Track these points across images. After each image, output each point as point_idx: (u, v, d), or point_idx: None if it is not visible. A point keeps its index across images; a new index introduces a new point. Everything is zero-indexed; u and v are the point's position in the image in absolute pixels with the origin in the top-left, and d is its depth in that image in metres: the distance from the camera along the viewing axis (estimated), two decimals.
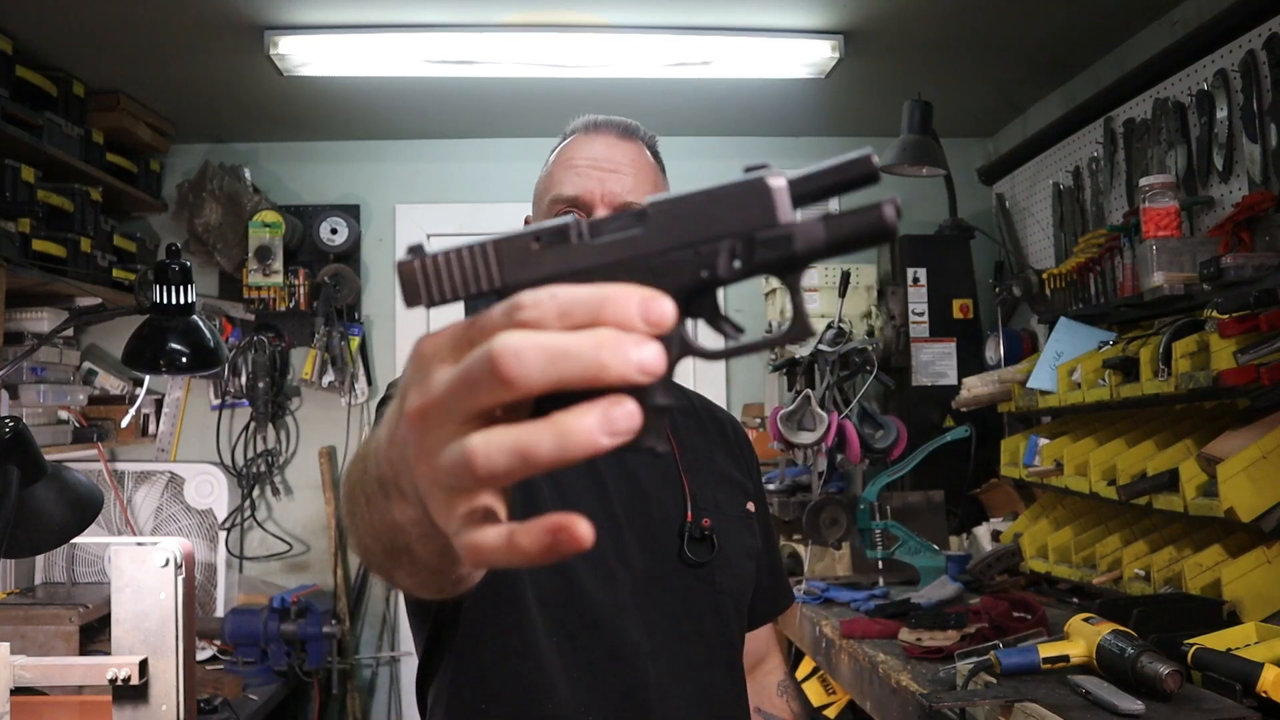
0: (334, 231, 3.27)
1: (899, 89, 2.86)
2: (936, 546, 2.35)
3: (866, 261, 3.22)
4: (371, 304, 3.39)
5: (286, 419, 3.33)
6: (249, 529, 3.28)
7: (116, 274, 2.91)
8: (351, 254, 3.34)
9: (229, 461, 3.27)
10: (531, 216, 1.24)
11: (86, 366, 3.17)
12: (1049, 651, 1.48)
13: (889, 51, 2.69)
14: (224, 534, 3.17)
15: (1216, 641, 1.45)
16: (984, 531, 2.61)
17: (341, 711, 3.17)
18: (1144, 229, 2.15)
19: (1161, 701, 1.31)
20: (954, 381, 2.93)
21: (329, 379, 3.19)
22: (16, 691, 1.29)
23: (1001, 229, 3.25)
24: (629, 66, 2.71)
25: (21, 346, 2.59)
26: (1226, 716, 1.27)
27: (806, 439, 2.37)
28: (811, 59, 2.66)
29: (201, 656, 2.75)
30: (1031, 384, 2.42)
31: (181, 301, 1.74)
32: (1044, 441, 2.36)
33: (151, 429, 3.27)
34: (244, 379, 3.21)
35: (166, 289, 1.72)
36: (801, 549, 2.55)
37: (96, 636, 2.60)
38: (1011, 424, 2.80)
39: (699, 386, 3.23)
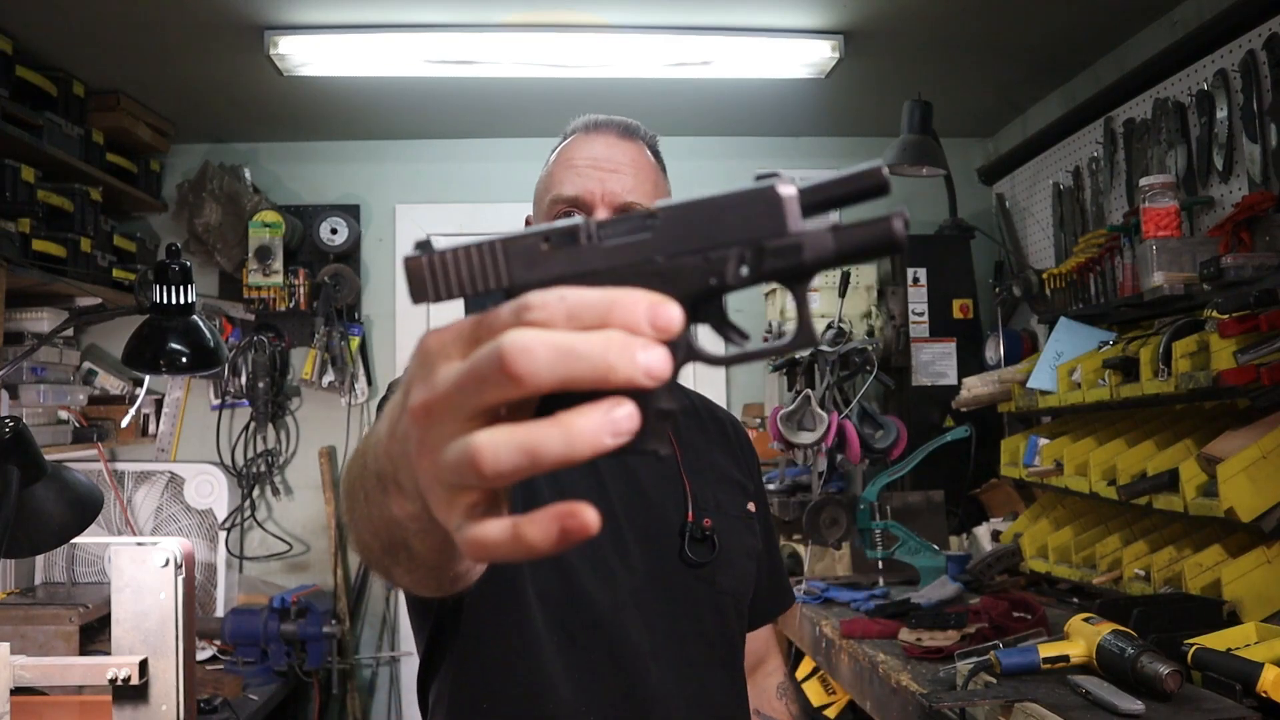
0: (334, 231, 3.27)
1: (899, 89, 2.86)
2: (936, 546, 2.35)
3: (866, 261, 3.21)
4: (371, 304, 3.39)
5: (286, 419, 3.33)
6: (249, 529, 3.28)
7: (116, 274, 2.91)
8: (351, 254, 3.34)
9: (229, 461, 3.27)
10: (532, 216, 1.24)
11: (86, 366, 3.17)
12: (1049, 651, 1.48)
13: (889, 51, 2.69)
14: (224, 534, 3.17)
15: (1216, 641, 1.45)
16: (984, 531, 2.61)
17: (341, 711, 3.17)
18: (1144, 229, 2.15)
19: (1161, 701, 1.31)
20: (954, 381, 2.93)
21: (329, 379, 3.19)
22: (16, 691, 1.29)
23: (1001, 229, 3.25)
24: (629, 66, 2.71)
25: (21, 346, 2.59)
26: (1226, 716, 1.27)
27: (806, 439, 2.37)
28: (811, 59, 2.66)
29: (201, 656, 2.75)
30: (1031, 384, 2.42)
31: (181, 301, 1.74)
32: (1044, 441, 2.36)
33: (151, 429, 3.27)
34: (244, 379, 3.21)
35: (166, 289, 1.72)
36: (801, 549, 2.55)
37: (96, 636, 2.60)
38: (1011, 424, 2.80)
39: (699, 386, 3.22)
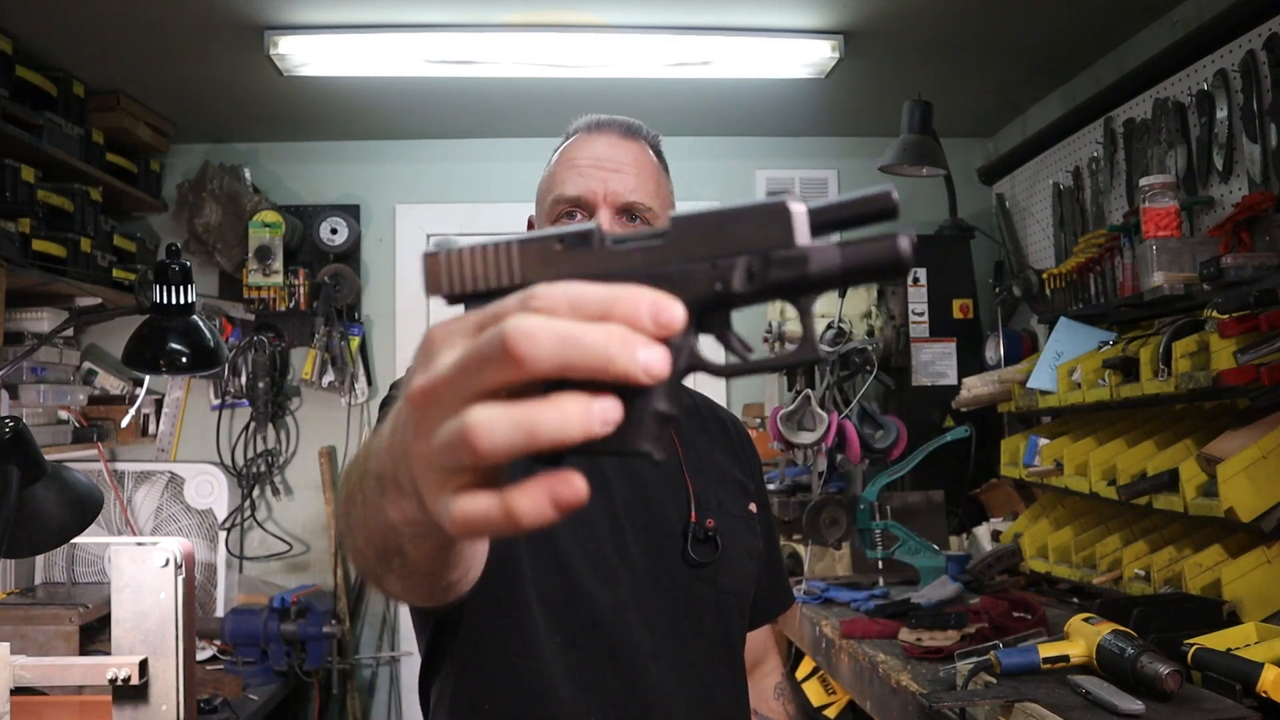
0: (334, 231, 3.27)
1: (899, 89, 2.86)
2: (936, 546, 2.35)
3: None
4: (371, 304, 3.39)
5: (286, 419, 3.33)
6: (249, 529, 3.28)
7: (116, 274, 2.91)
8: (351, 254, 3.34)
9: (229, 461, 3.27)
10: (534, 216, 1.24)
11: (86, 366, 3.17)
12: (1049, 651, 1.48)
13: (889, 51, 2.69)
14: (224, 534, 3.17)
15: (1216, 641, 1.45)
16: (984, 531, 2.61)
17: (341, 711, 3.17)
18: (1144, 229, 2.14)
19: (1161, 701, 1.31)
20: (954, 381, 2.93)
21: (329, 379, 3.19)
22: (16, 691, 1.29)
23: (1001, 229, 3.25)
24: (629, 66, 2.71)
25: (21, 346, 2.59)
26: (1226, 716, 1.27)
27: (806, 439, 2.37)
28: (811, 59, 2.66)
29: (201, 656, 2.75)
30: (1031, 384, 2.42)
31: (181, 301, 1.74)
32: (1044, 441, 2.36)
33: (151, 429, 3.27)
34: (244, 379, 3.21)
35: (166, 289, 1.72)
36: (801, 549, 2.55)
37: (96, 636, 2.60)
38: (1011, 424, 2.80)
39: (700, 387, 3.23)
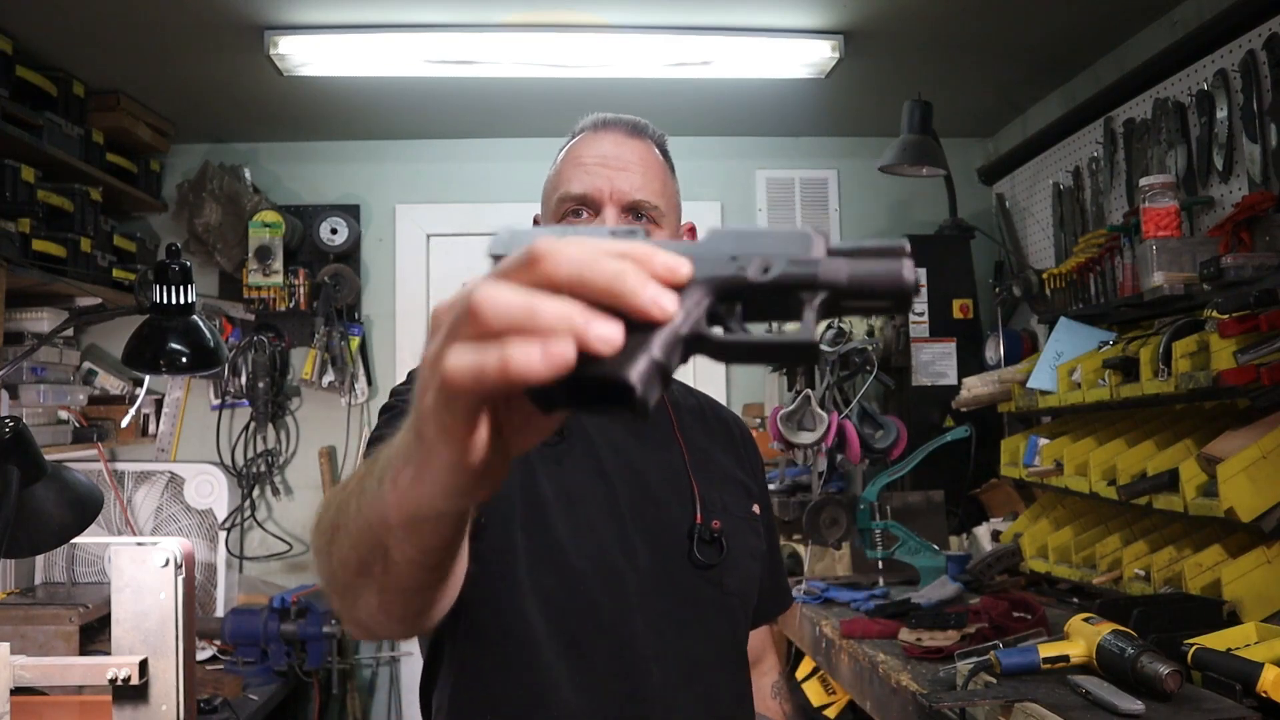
0: (334, 231, 3.27)
1: (899, 89, 2.86)
2: (936, 546, 2.35)
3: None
4: (371, 304, 3.39)
5: (286, 419, 3.33)
6: (249, 529, 3.28)
7: (116, 274, 2.91)
8: (351, 254, 3.34)
9: (229, 461, 3.27)
10: (540, 215, 1.23)
11: (86, 366, 3.17)
12: (1049, 651, 1.48)
13: (889, 51, 2.69)
14: (224, 534, 3.17)
15: (1216, 641, 1.45)
16: (984, 531, 2.61)
17: (341, 711, 3.17)
18: (1144, 229, 2.14)
19: (1161, 701, 1.31)
20: (954, 381, 2.93)
21: (329, 379, 3.19)
22: (16, 691, 1.29)
23: (1001, 229, 3.24)
24: (629, 66, 2.71)
25: (21, 346, 2.59)
26: (1226, 716, 1.27)
27: (806, 439, 2.37)
28: (811, 59, 2.66)
29: (201, 656, 2.75)
30: (1031, 384, 2.42)
31: (181, 301, 1.74)
32: (1044, 441, 2.36)
33: (151, 429, 3.27)
34: (244, 379, 3.21)
35: (166, 289, 1.72)
36: (801, 549, 2.55)
37: (96, 636, 2.60)
38: (1011, 424, 2.80)
39: (699, 386, 3.22)
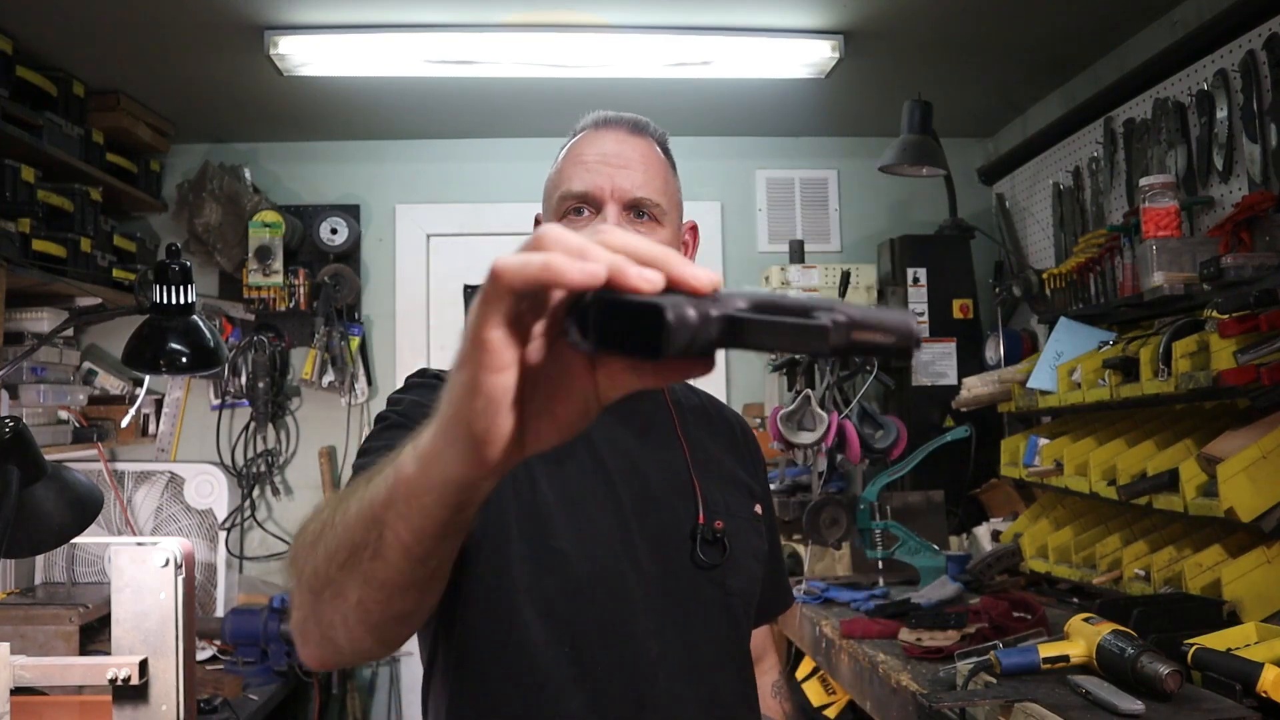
0: (334, 231, 3.27)
1: (899, 89, 2.86)
2: (936, 546, 2.35)
3: (866, 261, 3.22)
4: (371, 304, 3.39)
5: (286, 419, 3.33)
6: (249, 529, 3.28)
7: (116, 274, 2.91)
8: (351, 254, 3.34)
9: (229, 461, 3.27)
10: (541, 214, 1.23)
11: (86, 366, 3.17)
12: (1049, 651, 1.48)
13: (889, 51, 2.69)
14: (224, 534, 3.17)
15: (1216, 641, 1.45)
16: (984, 531, 2.61)
17: (341, 711, 3.17)
18: (1144, 229, 2.15)
19: (1161, 701, 1.31)
20: (954, 381, 2.93)
21: (329, 379, 3.19)
22: (16, 691, 1.29)
23: (1001, 229, 3.24)
24: (629, 66, 2.71)
25: (21, 346, 2.59)
26: (1226, 716, 1.27)
27: (806, 439, 2.37)
28: (811, 59, 2.66)
29: (201, 656, 2.75)
30: (1031, 384, 2.42)
31: (181, 301, 1.73)
32: (1044, 441, 2.36)
33: (151, 429, 3.27)
34: (244, 379, 3.21)
35: (166, 289, 1.72)
36: (801, 549, 2.55)
37: (96, 636, 2.60)
38: (1011, 424, 2.80)
39: (700, 384, 3.22)
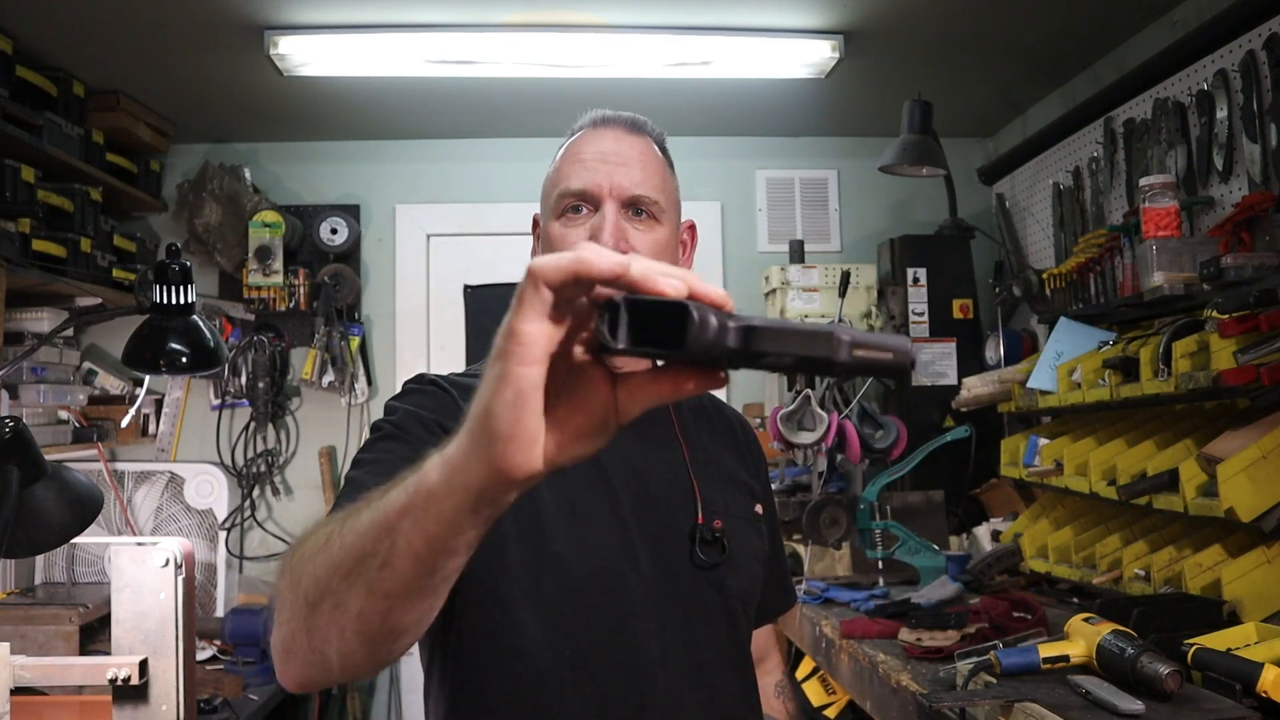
0: (334, 231, 3.27)
1: (899, 89, 2.86)
2: (936, 546, 2.35)
3: (866, 261, 3.22)
4: (371, 304, 3.39)
5: (286, 419, 3.33)
6: (249, 529, 3.28)
7: (116, 274, 2.91)
8: (351, 254, 3.34)
9: (229, 461, 3.27)
10: (540, 214, 1.23)
11: (86, 366, 3.17)
12: (1049, 651, 1.48)
13: (889, 51, 2.69)
14: (224, 534, 3.17)
15: (1216, 641, 1.45)
16: (984, 531, 2.61)
17: (341, 711, 3.17)
18: (1144, 229, 2.14)
19: (1161, 701, 1.31)
20: (954, 381, 2.93)
21: (329, 379, 3.19)
22: (16, 691, 1.29)
23: (1001, 229, 3.24)
24: (629, 66, 2.71)
25: (21, 346, 2.59)
26: (1226, 716, 1.27)
27: (806, 439, 2.37)
28: (811, 59, 2.66)
29: (201, 656, 2.75)
30: (1031, 384, 2.42)
31: (181, 301, 1.73)
32: (1044, 441, 2.36)
33: (151, 429, 3.27)
34: (244, 379, 3.21)
35: (166, 289, 1.72)
36: (801, 549, 2.55)
37: (96, 636, 2.60)
38: (1011, 424, 2.80)
39: None
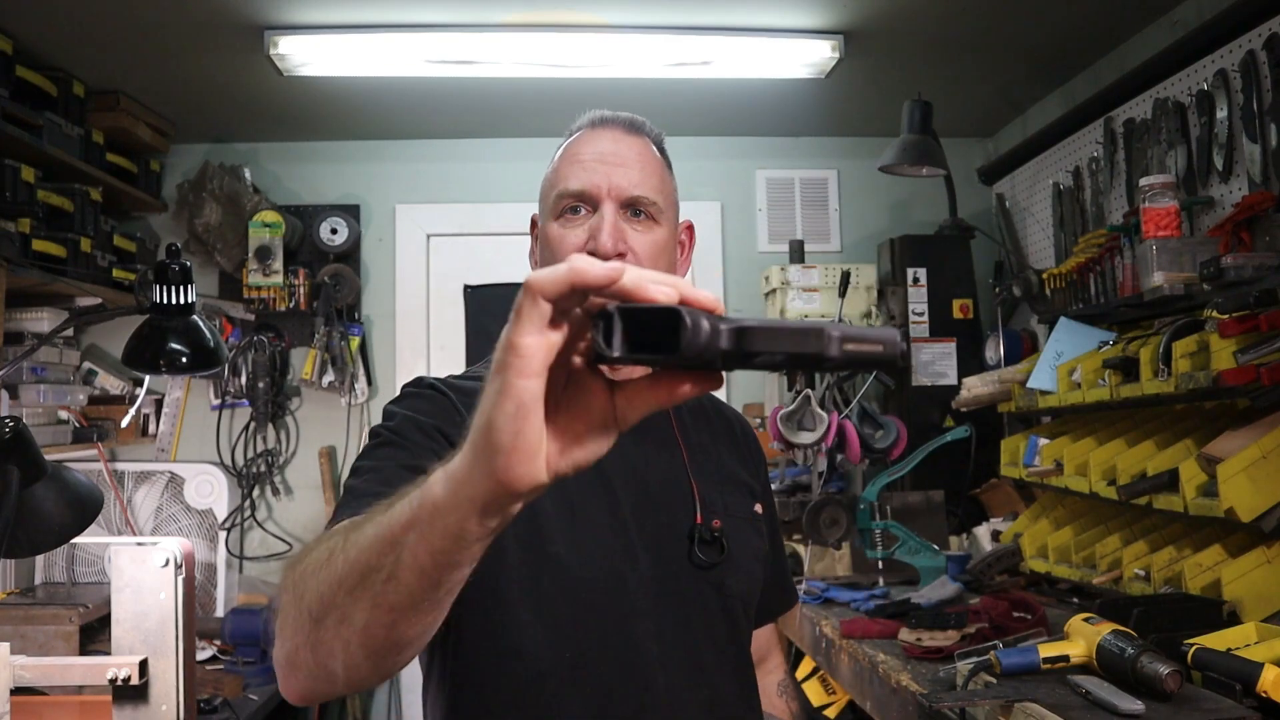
0: (334, 231, 3.27)
1: (899, 89, 2.86)
2: (936, 546, 2.35)
3: (866, 261, 3.22)
4: (371, 304, 3.39)
5: (286, 419, 3.33)
6: (249, 529, 3.28)
7: (116, 274, 2.90)
8: (351, 254, 3.34)
9: (229, 461, 3.27)
10: (538, 214, 1.23)
11: (86, 366, 3.17)
12: (1049, 651, 1.48)
13: (889, 51, 2.69)
14: (224, 534, 3.17)
15: (1216, 641, 1.45)
16: (984, 531, 2.61)
17: (341, 712, 3.17)
18: (1144, 229, 2.15)
19: (1161, 701, 1.31)
20: (954, 381, 2.93)
21: (329, 379, 3.19)
22: (16, 691, 1.29)
23: (1001, 229, 3.24)
24: (629, 66, 2.71)
25: (21, 346, 2.59)
26: (1226, 716, 1.27)
27: (806, 439, 2.37)
28: (811, 59, 2.66)
29: (201, 656, 2.75)
30: (1031, 384, 2.42)
31: (181, 301, 1.73)
32: (1044, 441, 2.36)
33: (151, 429, 3.27)
34: (244, 379, 3.21)
35: (166, 289, 1.72)
36: (801, 549, 2.55)
37: (96, 636, 2.60)
38: (1011, 424, 2.80)
39: None
